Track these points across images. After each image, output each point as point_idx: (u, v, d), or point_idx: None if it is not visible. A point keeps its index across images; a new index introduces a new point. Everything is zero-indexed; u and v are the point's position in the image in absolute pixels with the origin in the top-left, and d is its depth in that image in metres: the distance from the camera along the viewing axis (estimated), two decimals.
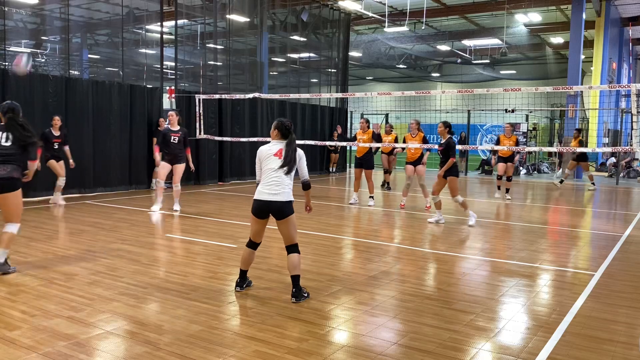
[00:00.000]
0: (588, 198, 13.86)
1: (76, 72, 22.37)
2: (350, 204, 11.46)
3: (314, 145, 15.67)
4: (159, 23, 14.39)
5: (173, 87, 14.00)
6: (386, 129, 15.11)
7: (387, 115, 23.43)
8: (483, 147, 23.39)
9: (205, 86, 16.70)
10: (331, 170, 20.28)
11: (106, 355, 3.65)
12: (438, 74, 37.49)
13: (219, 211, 10.17)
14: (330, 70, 21.17)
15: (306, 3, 19.65)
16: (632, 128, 9.10)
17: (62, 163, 10.29)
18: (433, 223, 9.17)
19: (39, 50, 23.96)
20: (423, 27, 23.10)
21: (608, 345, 3.99)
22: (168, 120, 9.82)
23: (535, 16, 21.87)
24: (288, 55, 21.13)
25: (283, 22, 20.26)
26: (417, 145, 10.62)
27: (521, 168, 21.11)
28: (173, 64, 15.39)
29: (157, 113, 13.54)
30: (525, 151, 20.64)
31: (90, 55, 26.18)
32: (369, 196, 11.45)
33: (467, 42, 28.80)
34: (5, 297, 4.76)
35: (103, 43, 25.17)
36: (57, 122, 10.11)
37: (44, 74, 12.69)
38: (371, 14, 19.72)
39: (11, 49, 21.67)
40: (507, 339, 4.08)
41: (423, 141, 10.82)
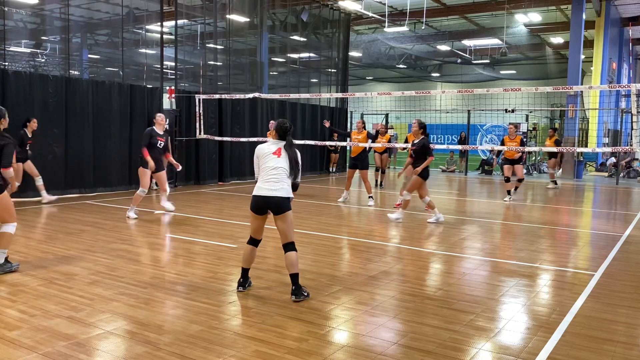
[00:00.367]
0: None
1: (76, 72, 22.34)
2: (338, 202, 11.54)
3: (314, 145, 15.67)
4: (159, 23, 14.39)
5: (173, 87, 14.01)
6: (381, 131, 15.06)
7: (387, 115, 23.44)
8: (483, 147, 23.39)
9: (205, 86, 16.70)
10: (331, 170, 20.29)
11: (106, 355, 3.65)
12: (438, 74, 37.51)
13: (219, 211, 10.17)
14: (330, 70, 21.17)
15: (306, 3, 19.65)
16: (632, 128, 9.11)
17: (30, 162, 10.11)
18: (433, 223, 9.17)
19: (39, 50, 23.95)
20: (423, 27, 23.12)
21: (608, 345, 3.99)
22: (156, 121, 9.24)
23: (535, 16, 21.88)
24: (288, 55, 21.14)
25: (283, 22, 20.26)
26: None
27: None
28: (173, 64, 15.39)
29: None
30: (525, 151, 20.62)
31: (90, 55, 26.17)
32: (368, 196, 11.47)
33: (467, 42, 28.81)
34: (5, 297, 4.76)
35: (103, 43, 25.16)
36: (35, 125, 10.05)
37: (44, 74, 12.67)
38: (371, 14, 19.72)
39: (11, 49, 21.69)
40: (507, 339, 4.08)
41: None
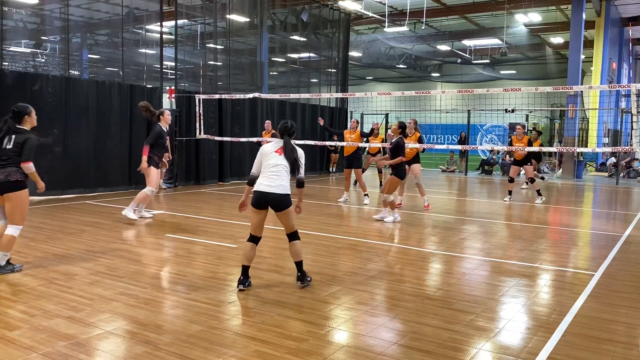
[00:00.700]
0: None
1: (76, 72, 22.35)
2: (339, 201, 11.55)
3: (314, 145, 15.67)
4: (159, 23, 14.39)
5: (173, 87, 14.01)
6: (374, 132, 14.96)
7: (387, 115, 23.44)
8: (483, 147, 23.39)
9: (205, 86, 16.70)
10: (331, 170, 20.28)
11: (106, 355, 3.65)
12: (438, 74, 37.50)
13: (219, 211, 10.17)
14: (330, 70, 21.17)
15: (306, 3, 19.65)
16: (632, 128, 9.11)
17: None
18: (390, 222, 9.10)
19: (39, 50, 23.95)
20: (423, 27, 23.11)
21: (608, 345, 3.99)
22: (163, 118, 8.96)
23: (535, 16, 21.87)
24: (288, 55, 21.13)
25: (283, 22, 20.26)
26: (412, 144, 10.53)
27: (521, 168, 21.07)
28: (173, 64, 15.39)
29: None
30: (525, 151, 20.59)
31: (90, 55, 26.17)
32: (364, 194, 11.49)
33: (467, 42, 28.80)
34: (5, 297, 4.76)
35: (103, 43, 25.16)
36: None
37: (44, 74, 12.68)
38: (371, 14, 19.72)
39: (11, 49, 21.69)
40: (507, 339, 4.08)
41: (419, 141, 10.75)
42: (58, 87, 11.47)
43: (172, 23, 15.51)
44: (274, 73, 22.08)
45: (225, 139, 14.28)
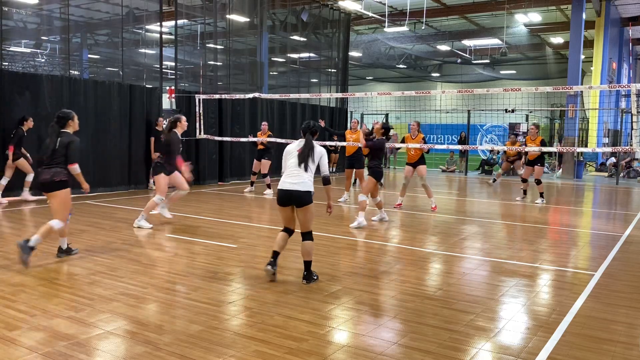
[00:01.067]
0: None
1: (76, 72, 22.36)
2: (339, 201, 11.54)
3: None
4: (159, 23, 14.40)
5: (173, 87, 14.00)
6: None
7: (387, 115, 23.44)
8: (483, 147, 23.40)
9: (205, 86, 16.71)
10: (331, 170, 20.29)
11: (106, 355, 3.65)
12: (438, 74, 37.51)
13: (219, 211, 10.17)
14: (330, 70, 21.17)
15: (306, 3, 19.65)
16: (632, 128, 9.11)
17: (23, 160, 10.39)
18: (376, 221, 9.21)
19: (39, 50, 23.95)
20: (423, 27, 23.11)
21: (608, 345, 3.99)
22: (180, 125, 8.48)
23: (535, 16, 21.87)
24: (288, 55, 21.14)
25: (283, 22, 20.26)
26: (417, 145, 10.57)
27: (521, 168, 21.10)
28: (173, 64, 15.39)
29: (157, 113, 13.53)
30: (525, 151, 20.61)
31: (90, 55, 26.19)
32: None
33: (467, 42, 28.80)
34: (5, 297, 4.76)
35: (103, 43, 25.18)
36: (31, 123, 10.36)
37: (44, 74, 12.67)
38: (371, 14, 19.72)
39: (11, 49, 21.70)
40: (507, 339, 4.08)
41: (422, 142, 10.79)
42: (58, 87, 11.46)
43: (172, 23, 15.52)
44: (274, 73, 22.08)
45: (225, 139, 14.27)
